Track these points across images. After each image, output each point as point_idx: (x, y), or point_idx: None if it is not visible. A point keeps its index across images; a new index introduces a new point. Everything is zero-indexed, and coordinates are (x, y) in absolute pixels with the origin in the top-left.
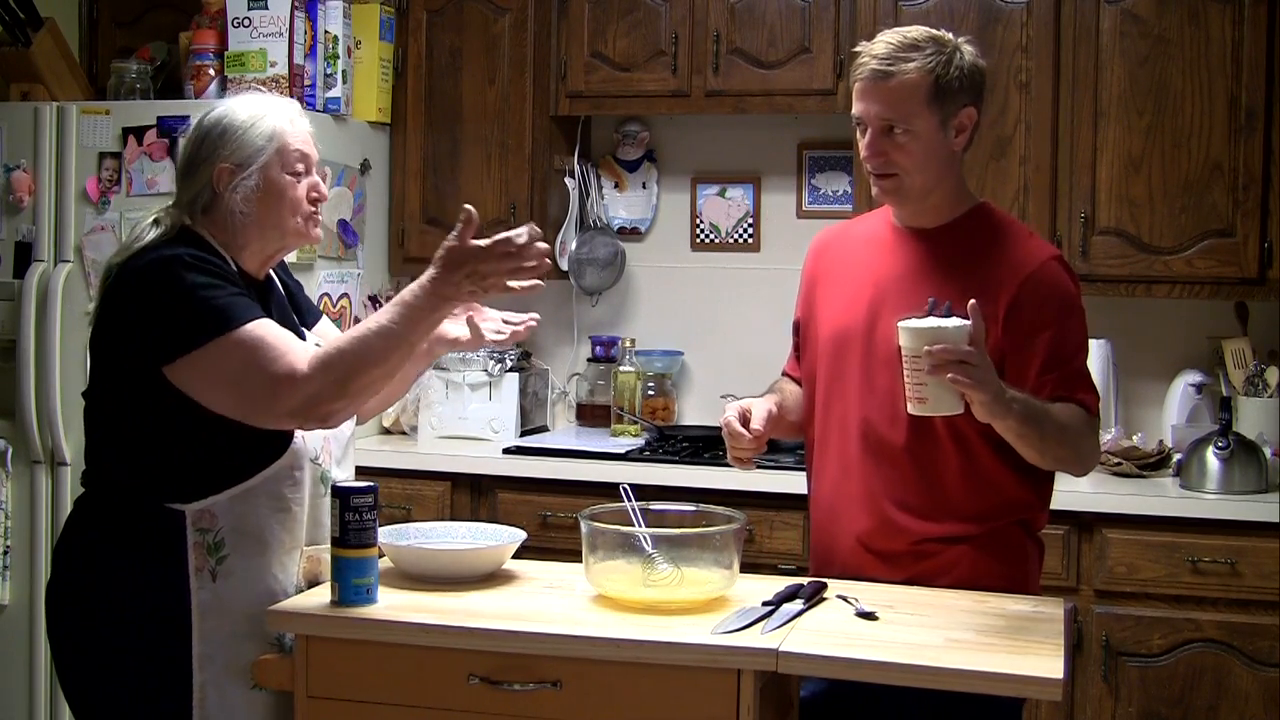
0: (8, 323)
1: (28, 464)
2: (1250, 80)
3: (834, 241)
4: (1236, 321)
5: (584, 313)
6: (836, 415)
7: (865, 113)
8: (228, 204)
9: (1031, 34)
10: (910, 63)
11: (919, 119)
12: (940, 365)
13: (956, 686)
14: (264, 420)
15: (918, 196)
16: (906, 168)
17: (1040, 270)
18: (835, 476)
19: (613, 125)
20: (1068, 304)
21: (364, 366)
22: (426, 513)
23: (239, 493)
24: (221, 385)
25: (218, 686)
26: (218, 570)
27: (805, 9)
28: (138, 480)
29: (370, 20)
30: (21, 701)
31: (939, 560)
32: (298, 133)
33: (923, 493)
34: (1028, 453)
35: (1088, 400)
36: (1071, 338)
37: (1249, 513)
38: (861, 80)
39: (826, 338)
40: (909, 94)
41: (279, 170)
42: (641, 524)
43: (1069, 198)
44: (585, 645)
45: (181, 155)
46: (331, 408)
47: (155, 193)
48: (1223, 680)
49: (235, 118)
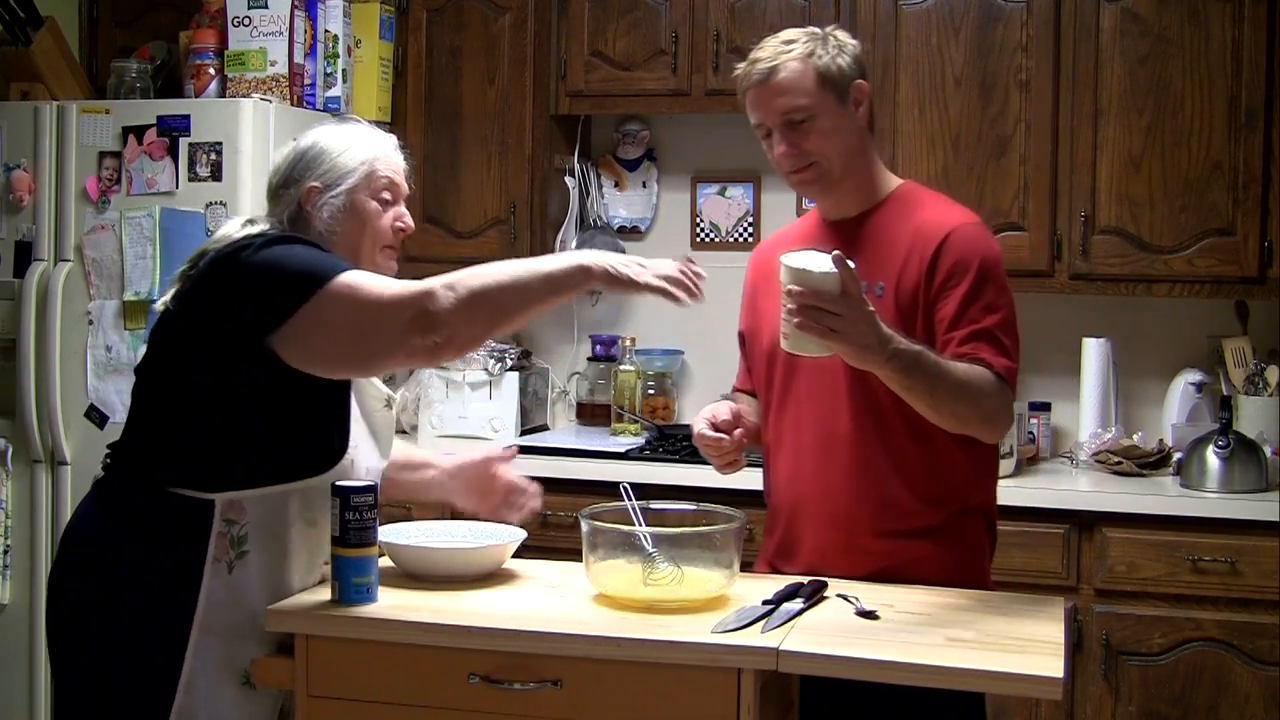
0: (8, 322)
1: (28, 464)
2: (1250, 79)
3: (770, 250)
4: (1236, 320)
5: (584, 312)
6: (790, 419)
7: (765, 115)
8: (313, 223)
9: (1031, 33)
10: (790, 54)
11: (816, 101)
12: (798, 309)
13: (957, 685)
14: (392, 350)
15: (839, 179)
16: (822, 152)
17: (959, 229)
18: (790, 478)
19: (613, 124)
20: (984, 266)
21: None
22: (427, 512)
23: (275, 493)
24: (335, 332)
25: (207, 677)
26: (235, 563)
27: (805, 8)
28: (173, 466)
29: (370, 19)
30: (21, 701)
31: (900, 556)
32: (390, 162)
33: (882, 487)
34: (920, 406)
35: (994, 362)
36: (984, 299)
37: (1249, 511)
38: (752, 88)
39: (769, 344)
40: (798, 81)
41: (366, 195)
42: (642, 523)
43: (1069, 197)
44: (585, 644)
45: (274, 174)
46: (453, 325)
47: (155, 192)
48: (1223, 679)
49: (330, 142)
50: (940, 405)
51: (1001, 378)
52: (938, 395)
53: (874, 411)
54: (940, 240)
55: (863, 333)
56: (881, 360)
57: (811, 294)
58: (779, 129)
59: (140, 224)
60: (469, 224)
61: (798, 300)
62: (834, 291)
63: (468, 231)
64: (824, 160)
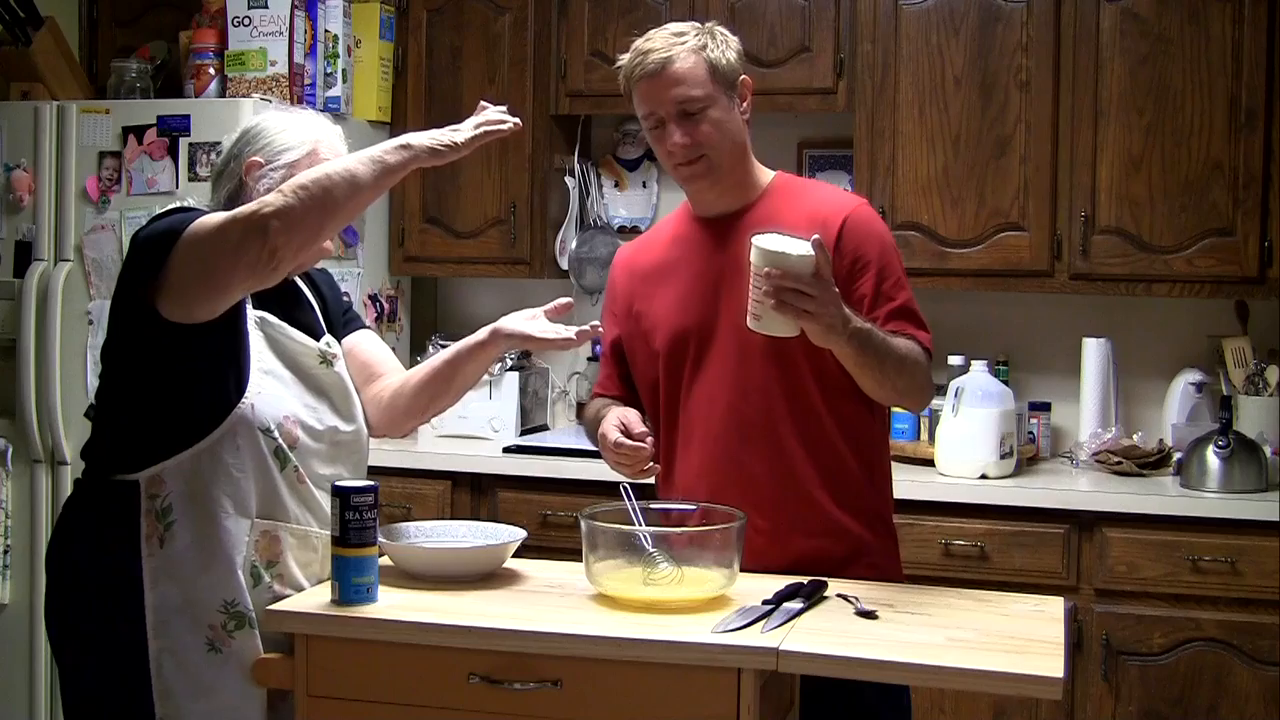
0: (8, 322)
1: (28, 463)
2: (1250, 79)
3: (639, 255)
4: (1236, 320)
5: (584, 312)
6: (699, 414)
7: (659, 103)
8: (251, 196)
9: (1031, 33)
10: (683, 46)
11: (709, 93)
12: (775, 290)
13: (957, 685)
14: (228, 263)
15: (727, 172)
16: (714, 143)
17: (855, 213)
18: (703, 470)
19: (613, 124)
20: (887, 245)
21: (328, 188)
22: (427, 511)
23: (185, 458)
24: (191, 268)
25: (173, 654)
26: (165, 536)
27: (805, 8)
28: (108, 452)
29: (370, 19)
30: (21, 701)
31: (823, 537)
32: (333, 148)
33: (802, 465)
34: (867, 381)
35: (919, 336)
36: (893, 276)
37: (1249, 511)
38: (646, 78)
39: (664, 343)
40: (692, 72)
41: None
42: (642, 523)
43: (1069, 197)
44: (585, 644)
45: (217, 160)
46: (286, 222)
47: (155, 191)
48: (1223, 679)
49: (273, 121)
50: (885, 379)
51: (927, 351)
52: (885, 369)
53: (786, 395)
54: (840, 224)
55: (832, 313)
56: (844, 339)
57: (790, 276)
58: (674, 119)
59: (140, 224)
60: (469, 224)
61: (775, 282)
62: (809, 274)
63: (468, 231)
64: (713, 152)
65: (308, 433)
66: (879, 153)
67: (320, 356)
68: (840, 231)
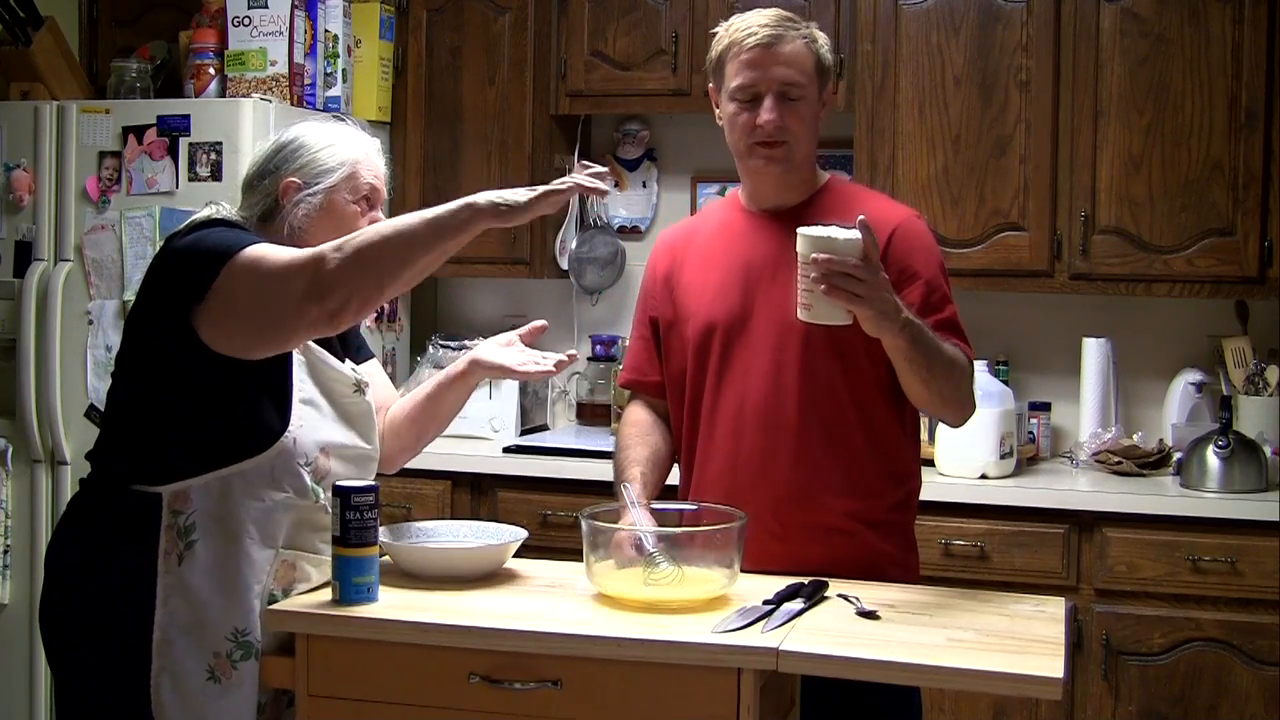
0: (8, 322)
1: (28, 463)
2: (1250, 79)
3: (682, 238)
4: (1236, 320)
5: (584, 312)
6: (729, 405)
7: (760, 79)
8: (287, 218)
9: (1031, 33)
10: (796, 32)
11: (810, 85)
12: (824, 275)
13: (957, 686)
14: (289, 322)
15: (799, 165)
16: (798, 134)
17: (906, 224)
18: (726, 466)
19: (613, 124)
20: (934, 257)
21: (386, 249)
22: (427, 511)
23: (215, 479)
24: (241, 306)
25: (171, 676)
26: (184, 555)
27: (805, 8)
28: (127, 461)
29: (370, 19)
30: (21, 701)
31: (840, 545)
32: (372, 166)
33: (826, 470)
34: (914, 382)
35: (965, 349)
36: (941, 289)
37: (1249, 511)
38: (753, 50)
39: (697, 331)
40: (801, 60)
41: (345, 196)
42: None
43: (1069, 197)
44: (586, 644)
45: (250, 167)
46: (347, 285)
47: (155, 191)
48: (1223, 679)
49: (313, 138)
50: (934, 380)
51: (972, 364)
52: (934, 369)
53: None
54: (890, 232)
55: (884, 299)
56: (897, 328)
57: (838, 261)
58: (773, 95)
59: (140, 224)
60: None
61: (824, 268)
62: (858, 258)
63: None
64: (796, 143)
65: (339, 461)
66: (879, 152)
67: (355, 385)
68: (889, 241)
